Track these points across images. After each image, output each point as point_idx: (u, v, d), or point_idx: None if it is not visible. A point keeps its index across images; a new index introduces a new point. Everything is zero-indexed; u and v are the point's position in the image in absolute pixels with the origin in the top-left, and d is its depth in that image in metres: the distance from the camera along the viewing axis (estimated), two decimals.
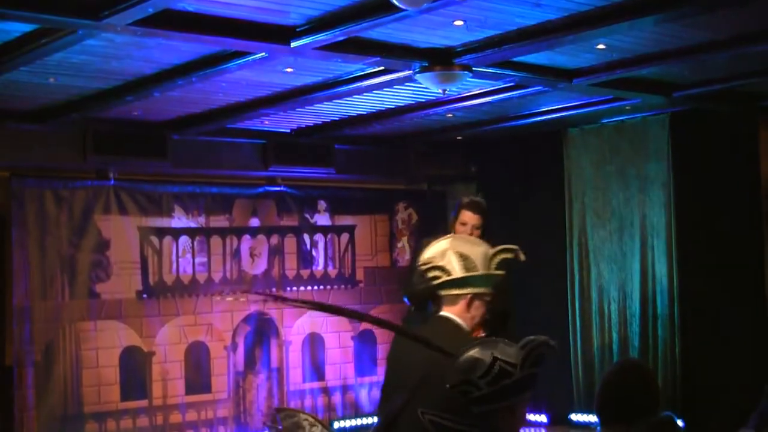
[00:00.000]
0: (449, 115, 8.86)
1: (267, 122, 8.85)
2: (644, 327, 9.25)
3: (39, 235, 8.42)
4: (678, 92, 7.96)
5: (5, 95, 7.32)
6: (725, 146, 8.81)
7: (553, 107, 8.72)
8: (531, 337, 3.37)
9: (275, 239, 9.80)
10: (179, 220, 9.23)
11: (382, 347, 10.39)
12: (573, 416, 9.77)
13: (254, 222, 9.71)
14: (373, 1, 5.28)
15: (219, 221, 9.48)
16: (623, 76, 7.28)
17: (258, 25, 5.70)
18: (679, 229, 9.05)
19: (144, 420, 8.91)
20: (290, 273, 9.89)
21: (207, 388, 9.32)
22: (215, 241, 9.44)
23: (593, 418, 8.89)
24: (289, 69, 6.76)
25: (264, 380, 9.66)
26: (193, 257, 9.31)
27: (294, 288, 9.87)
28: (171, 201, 9.19)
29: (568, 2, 5.48)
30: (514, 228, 8.66)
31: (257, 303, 9.61)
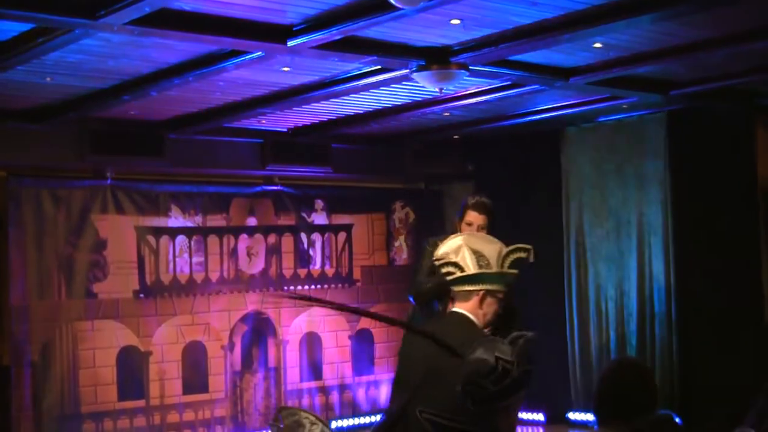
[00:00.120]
0: (446, 114, 8.86)
1: (264, 121, 8.85)
2: (641, 325, 9.25)
3: (36, 235, 8.41)
4: (675, 90, 7.96)
5: (2, 95, 7.31)
6: (722, 144, 8.81)
7: (550, 106, 8.72)
8: (516, 333, 3.38)
9: (272, 238, 9.79)
10: (176, 220, 9.22)
11: (380, 346, 10.40)
12: (571, 415, 9.78)
13: (251, 221, 9.70)
14: (370, 0, 5.28)
15: (216, 220, 9.47)
16: (620, 75, 7.28)
17: (255, 24, 5.70)
18: (677, 228, 9.06)
19: (141, 420, 8.90)
20: (287, 272, 9.88)
21: (204, 388, 9.31)
22: (212, 241, 9.43)
23: (591, 417, 8.90)
24: (286, 68, 6.75)
25: (261, 380, 9.65)
26: (190, 257, 9.30)
27: (291, 287, 9.87)
28: (168, 200, 9.17)
29: (565, 1, 5.49)
30: (512, 227, 8.65)
31: (254, 302, 9.62)
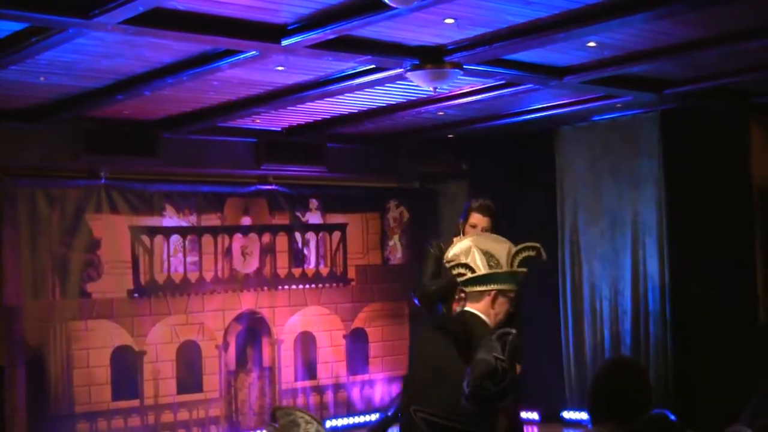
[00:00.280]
0: (441, 113, 8.86)
1: (258, 121, 8.83)
2: (636, 324, 9.26)
3: (31, 235, 8.39)
4: (669, 89, 7.96)
5: None
6: (716, 143, 8.82)
7: (545, 105, 8.71)
8: (502, 330, 3.40)
9: (267, 238, 9.78)
10: (171, 219, 9.20)
11: (374, 346, 10.40)
12: (565, 413, 9.79)
13: (246, 221, 9.68)
14: (364, 0, 5.28)
15: (210, 220, 9.46)
16: (614, 74, 7.28)
17: (249, 24, 5.70)
18: (671, 226, 9.06)
19: (135, 420, 8.88)
20: (282, 272, 9.87)
21: (198, 388, 9.30)
22: (207, 240, 9.42)
23: (585, 416, 8.90)
24: (281, 67, 6.75)
25: (256, 379, 9.65)
26: (185, 256, 9.28)
27: (286, 287, 9.86)
28: (162, 200, 9.16)
29: (559, 0, 5.49)
30: (506, 226, 8.63)
31: (249, 302, 9.61)
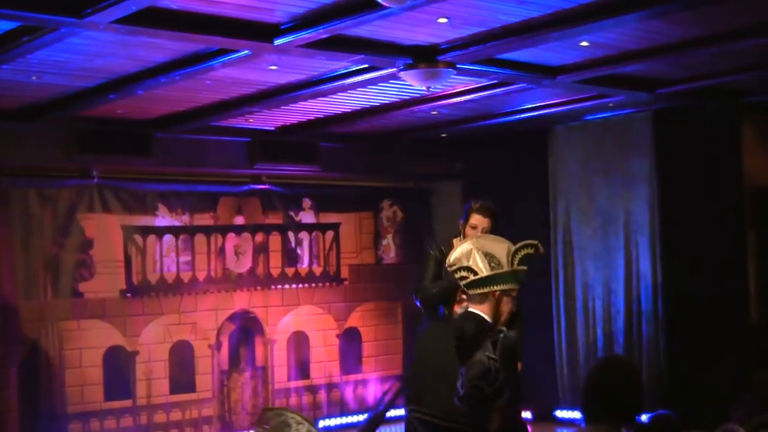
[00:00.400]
0: (434, 113, 8.86)
1: (252, 120, 8.82)
2: (629, 323, 9.27)
3: (23, 234, 8.37)
4: (662, 89, 7.98)
5: None
6: (709, 143, 8.83)
7: (538, 104, 8.72)
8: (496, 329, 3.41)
9: (260, 237, 9.77)
10: (163, 219, 9.19)
11: (368, 345, 10.39)
12: (558, 413, 9.79)
13: (239, 220, 9.67)
14: None
15: (203, 219, 9.44)
16: (607, 73, 7.30)
17: (242, 23, 5.69)
18: (663, 226, 9.07)
19: (128, 420, 8.86)
20: (275, 271, 9.85)
21: (191, 388, 9.28)
22: (200, 240, 9.40)
23: (578, 415, 8.90)
24: (274, 67, 6.74)
25: (249, 379, 9.63)
26: (178, 256, 9.26)
27: (279, 286, 9.85)
28: (155, 199, 9.14)
29: None
30: (501, 225, 8.64)
31: (242, 302, 9.59)
